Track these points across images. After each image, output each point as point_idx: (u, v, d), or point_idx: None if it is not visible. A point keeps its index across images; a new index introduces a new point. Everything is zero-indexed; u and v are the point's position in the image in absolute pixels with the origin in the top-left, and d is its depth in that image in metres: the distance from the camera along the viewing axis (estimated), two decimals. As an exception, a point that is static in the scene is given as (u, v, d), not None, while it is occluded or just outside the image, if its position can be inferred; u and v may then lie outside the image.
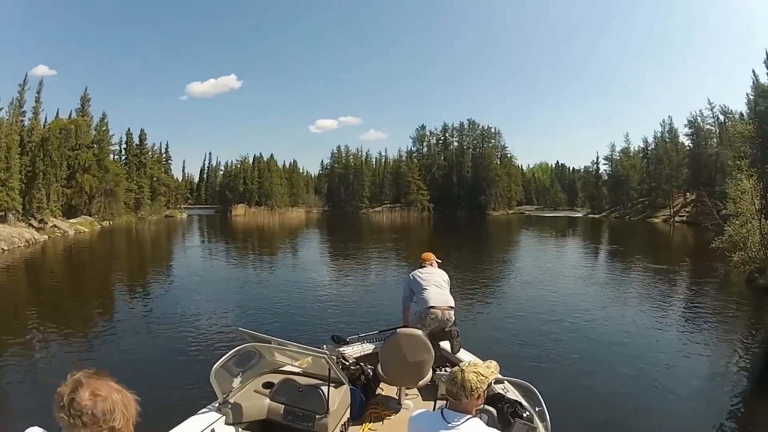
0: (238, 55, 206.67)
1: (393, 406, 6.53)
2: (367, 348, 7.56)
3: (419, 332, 6.36)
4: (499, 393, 5.27)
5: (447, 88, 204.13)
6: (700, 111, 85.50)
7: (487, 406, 4.46)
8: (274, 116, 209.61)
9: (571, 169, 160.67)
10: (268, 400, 5.51)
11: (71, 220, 61.26)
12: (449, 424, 3.32)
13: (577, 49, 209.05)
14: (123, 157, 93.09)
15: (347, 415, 5.76)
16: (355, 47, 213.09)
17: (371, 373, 6.77)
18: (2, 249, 37.17)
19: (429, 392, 6.66)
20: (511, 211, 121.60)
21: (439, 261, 7.76)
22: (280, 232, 66.38)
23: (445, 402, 4.76)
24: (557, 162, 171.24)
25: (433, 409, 5.39)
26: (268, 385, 5.74)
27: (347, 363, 6.74)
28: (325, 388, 5.38)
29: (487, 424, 3.51)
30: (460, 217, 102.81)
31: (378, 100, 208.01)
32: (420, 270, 7.54)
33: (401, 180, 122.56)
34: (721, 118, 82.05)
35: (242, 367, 5.79)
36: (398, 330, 6.62)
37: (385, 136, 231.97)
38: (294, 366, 6.26)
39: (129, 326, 16.23)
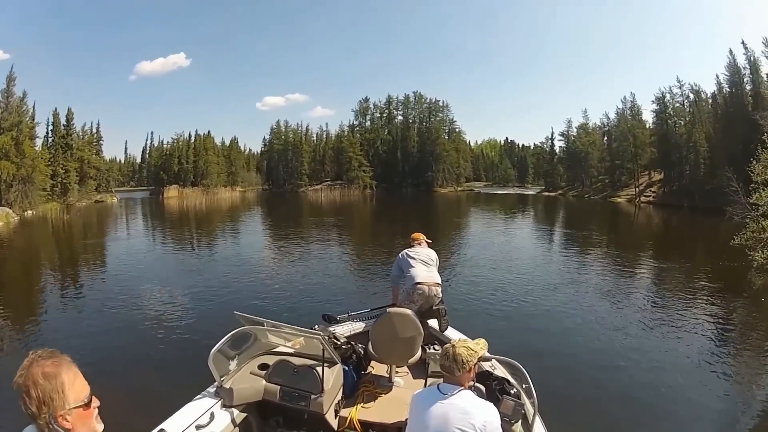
0: (187, 34, 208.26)
1: (384, 383, 6.61)
2: (358, 327, 7.69)
3: (409, 311, 6.50)
4: (487, 371, 5.66)
5: (394, 64, 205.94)
6: (669, 88, 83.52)
7: (476, 384, 4.62)
8: (223, 94, 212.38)
9: (520, 145, 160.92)
10: (264, 382, 5.65)
11: None
12: (444, 395, 3.75)
13: (530, 22, 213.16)
14: (50, 140, 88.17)
15: (340, 393, 5.95)
16: (304, 22, 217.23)
17: (362, 352, 6.86)
18: None
19: (419, 370, 6.87)
20: (459, 188, 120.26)
21: (429, 241, 8.01)
22: (195, 216, 63.42)
23: (435, 379, 5.15)
24: (506, 138, 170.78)
25: (424, 386, 5.89)
26: (263, 366, 5.92)
27: (339, 342, 6.72)
28: (319, 368, 5.53)
29: None
30: (405, 195, 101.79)
31: (325, 77, 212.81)
32: (409, 249, 7.78)
33: (342, 156, 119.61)
34: (692, 96, 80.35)
35: (238, 350, 6.00)
36: (388, 309, 6.70)
37: (331, 113, 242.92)
38: (288, 347, 6.48)
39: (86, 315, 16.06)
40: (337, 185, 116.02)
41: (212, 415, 5.12)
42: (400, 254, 7.85)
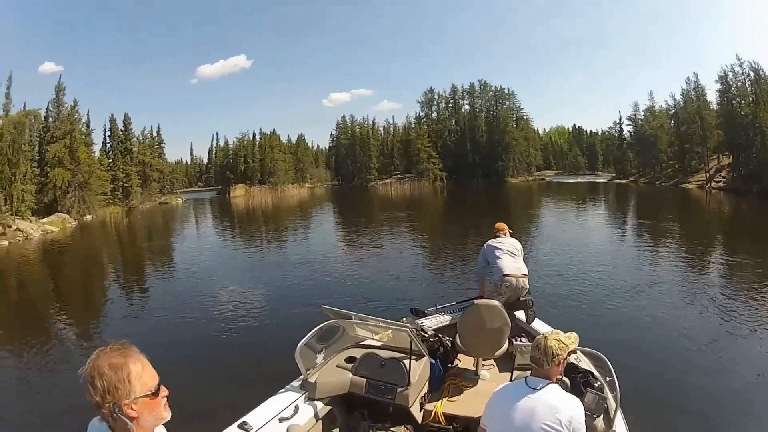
0: (247, 35, 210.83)
1: (470, 376, 6.73)
2: (445, 319, 7.90)
3: (496, 303, 6.61)
4: (572, 363, 5.38)
5: (457, 53, 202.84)
6: (731, 66, 77.34)
7: (562, 377, 4.50)
8: (287, 93, 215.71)
9: (588, 132, 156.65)
10: (350, 375, 5.83)
11: (43, 220, 56.36)
12: (532, 389, 3.71)
13: (590, 4, 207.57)
14: (108, 145, 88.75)
15: (426, 386, 6.01)
16: (364, 17, 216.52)
17: (449, 345, 6.90)
18: None
19: (505, 363, 6.89)
20: (530, 178, 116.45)
21: (511, 231, 8.36)
22: (262, 214, 63.52)
23: (521, 372, 5.24)
24: (574, 125, 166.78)
25: (510, 379, 5.60)
26: (350, 359, 6.09)
27: (426, 335, 6.90)
28: (406, 361, 5.68)
29: None
30: (476, 186, 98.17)
31: (389, 70, 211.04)
32: (493, 240, 8.12)
33: (410, 149, 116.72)
34: (752, 75, 74.62)
35: (325, 343, 6.21)
36: (476, 301, 6.89)
37: (398, 106, 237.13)
38: (375, 340, 6.74)
39: (172, 311, 16.55)
40: (406, 178, 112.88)
41: (296, 408, 5.33)
42: (485, 245, 8.15)
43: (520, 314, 7.65)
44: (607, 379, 5.17)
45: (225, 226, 52.76)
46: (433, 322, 7.71)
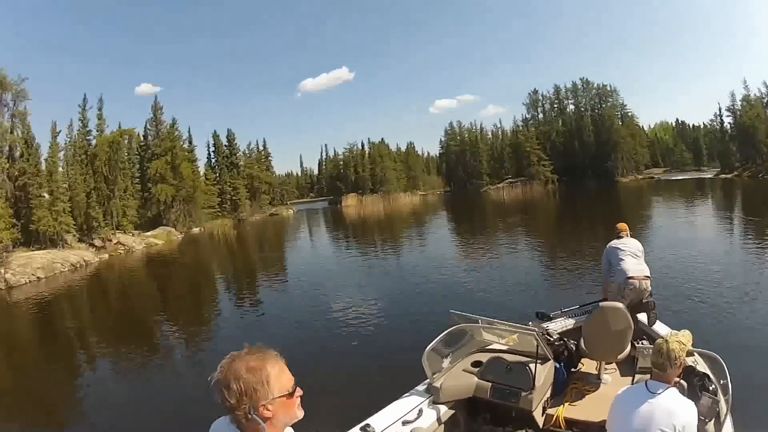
0: (347, 48, 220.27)
1: (593, 381, 6.74)
2: (569, 323, 7.99)
3: (621, 305, 6.62)
4: (690, 365, 5.23)
5: (559, 52, 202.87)
6: None
7: (680, 380, 4.43)
8: (391, 103, 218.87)
9: (691, 126, 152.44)
10: (475, 379, 5.92)
11: (147, 234, 60.70)
12: (652, 394, 3.78)
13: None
14: (213, 160, 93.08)
15: (550, 390, 6.07)
16: (464, 23, 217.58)
17: (574, 349, 6.98)
18: (37, 277, 36.36)
19: (627, 366, 6.95)
20: (640, 177, 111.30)
21: (630, 232, 8.44)
22: (376, 223, 63.34)
23: (642, 376, 5.72)
24: (677, 119, 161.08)
25: (632, 383, 5.82)
26: (476, 363, 6.20)
27: (551, 339, 7.00)
28: (532, 365, 5.74)
29: None
30: (587, 188, 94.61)
31: (493, 74, 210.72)
32: (616, 241, 8.21)
33: (520, 152, 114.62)
34: None
35: (451, 348, 6.38)
36: (601, 303, 6.95)
37: (504, 110, 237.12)
38: (501, 344, 6.83)
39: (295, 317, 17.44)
40: (518, 182, 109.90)
41: (420, 412, 5.49)
42: (607, 246, 8.22)
43: (642, 316, 7.70)
44: (721, 382, 5.10)
45: (338, 235, 53.60)
46: (557, 325, 7.85)
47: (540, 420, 5.74)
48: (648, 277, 7.73)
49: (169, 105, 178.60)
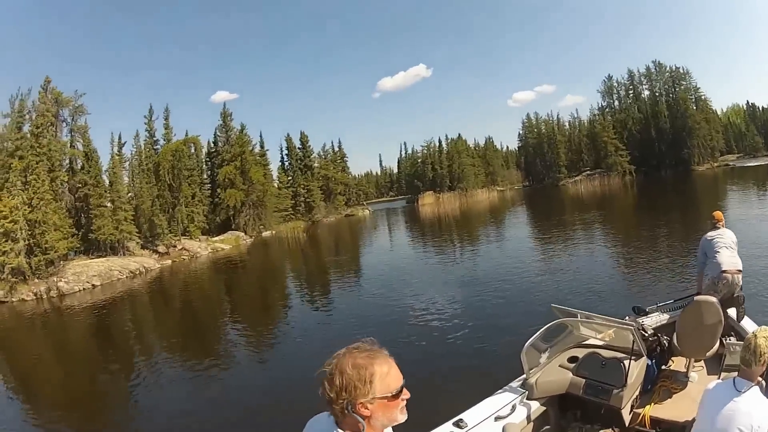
0: (425, 44, 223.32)
1: (680, 379, 6.66)
2: (663, 318, 7.78)
3: (714, 300, 6.56)
4: None
5: (631, 36, 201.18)
6: None
7: (761, 379, 4.17)
8: (470, 97, 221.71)
9: (761, 108, 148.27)
10: (570, 375, 6.05)
11: (214, 239, 61.72)
12: (739, 391, 3.81)
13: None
14: (286, 163, 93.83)
15: (640, 388, 6.11)
16: (537, 13, 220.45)
17: (666, 345, 6.87)
18: (92, 285, 37.40)
19: (713, 364, 6.83)
20: (715, 164, 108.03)
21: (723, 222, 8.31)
22: (449, 221, 62.29)
23: (728, 374, 5.70)
24: (747, 102, 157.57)
25: (717, 379, 5.38)
26: (572, 359, 6.29)
27: (646, 334, 6.82)
28: (626, 362, 5.84)
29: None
30: (664, 178, 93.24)
31: (569, 63, 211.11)
32: (712, 232, 8.24)
33: (598, 142, 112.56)
34: None
35: (549, 343, 6.51)
36: (696, 298, 6.89)
37: (582, 99, 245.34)
38: (597, 339, 6.85)
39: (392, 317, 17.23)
40: (596, 174, 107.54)
41: (513, 407, 5.58)
42: (704, 237, 8.35)
43: (731, 311, 7.50)
44: None
45: (411, 234, 53.25)
46: (652, 320, 7.61)
47: (627, 418, 5.74)
48: (740, 270, 7.78)
49: (247, 111, 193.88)
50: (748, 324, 7.32)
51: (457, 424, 5.23)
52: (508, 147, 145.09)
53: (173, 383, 13.66)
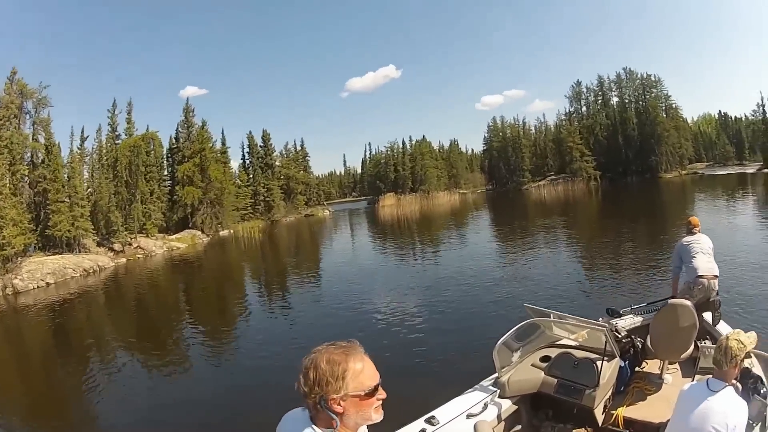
0: (395, 45, 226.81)
1: (654, 380, 6.79)
2: (637, 320, 7.93)
3: (688, 303, 6.69)
4: (746, 367, 5.26)
5: (604, 43, 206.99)
6: None
7: (736, 382, 4.40)
8: (438, 99, 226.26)
9: (733, 118, 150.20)
10: (542, 374, 6.11)
11: (170, 237, 61.65)
12: (712, 391, 3.97)
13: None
14: (246, 161, 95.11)
15: (613, 388, 6.19)
16: (510, 17, 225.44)
17: (640, 346, 6.99)
18: (46, 283, 36.95)
19: (688, 367, 6.99)
20: (683, 172, 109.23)
21: (700, 226, 8.43)
22: (407, 224, 62.19)
23: (702, 376, 5.71)
24: (719, 111, 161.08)
25: (691, 382, 5.31)
26: (545, 359, 6.35)
27: (619, 336, 6.92)
28: (599, 362, 5.88)
29: None
30: (630, 185, 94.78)
31: (539, 68, 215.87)
32: (688, 237, 8.32)
33: (563, 147, 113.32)
34: None
35: (521, 342, 6.54)
36: (670, 301, 7.00)
37: (551, 105, 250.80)
38: (570, 339, 6.90)
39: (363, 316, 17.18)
40: (560, 179, 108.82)
41: (485, 406, 5.70)
42: (680, 242, 8.43)
43: (707, 315, 7.70)
44: None
45: (371, 236, 53.78)
46: (626, 322, 7.73)
47: (600, 418, 5.89)
48: (716, 276, 7.96)
49: (216, 107, 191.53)
50: (723, 328, 7.38)
51: (429, 421, 5.28)
52: (473, 150, 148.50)
53: (129, 384, 13.41)
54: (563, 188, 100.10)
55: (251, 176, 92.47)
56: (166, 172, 76.39)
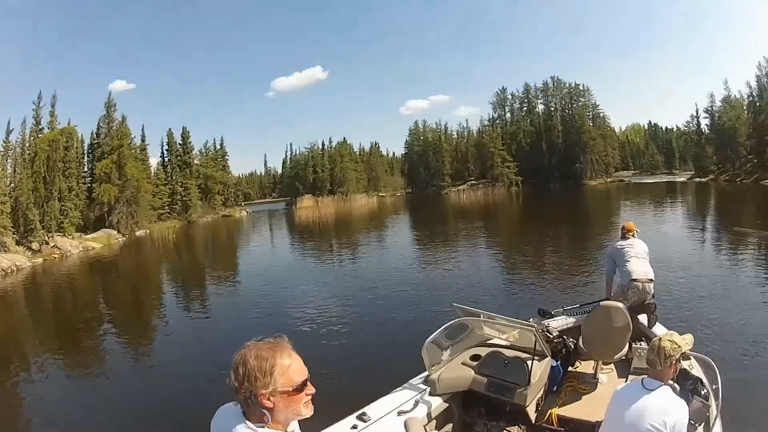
0: (322, 47, 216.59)
1: (588, 380, 6.92)
2: (570, 321, 8.03)
3: (620, 305, 6.80)
4: (684, 369, 5.49)
5: (531, 52, 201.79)
6: None
7: (673, 382, 4.39)
8: (364, 102, 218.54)
9: (664, 128, 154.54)
10: (472, 372, 6.15)
11: (87, 236, 59.63)
12: (647, 390, 3.94)
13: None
14: (165, 159, 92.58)
15: (545, 387, 6.33)
16: (438, 23, 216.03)
17: (572, 347, 7.10)
18: None
19: (623, 367, 7.13)
20: (609, 180, 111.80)
21: (638, 230, 8.63)
22: (320, 228, 61.28)
23: (636, 376, 5.64)
24: (650, 122, 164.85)
25: (625, 382, 5.80)
26: (475, 357, 6.43)
27: (551, 336, 7.05)
28: (529, 362, 5.99)
29: None
30: (553, 191, 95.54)
31: (465, 74, 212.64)
32: (622, 241, 8.41)
33: (484, 153, 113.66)
34: None
35: (452, 341, 6.59)
36: (601, 303, 7.17)
37: (476, 111, 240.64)
38: (501, 339, 7.00)
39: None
40: (480, 184, 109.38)
41: (416, 402, 5.60)
42: (614, 246, 8.46)
43: (643, 318, 7.84)
44: (713, 387, 5.28)
45: (290, 238, 52.99)
46: (558, 323, 7.87)
47: (533, 416, 5.88)
48: (651, 279, 7.86)
49: (144, 103, 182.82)
50: (659, 330, 7.41)
51: (361, 418, 5.27)
52: (394, 153, 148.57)
53: (49, 389, 12.56)
54: (483, 193, 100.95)
55: (170, 175, 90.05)
56: (86, 169, 74.44)
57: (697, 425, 4.84)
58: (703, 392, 5.20)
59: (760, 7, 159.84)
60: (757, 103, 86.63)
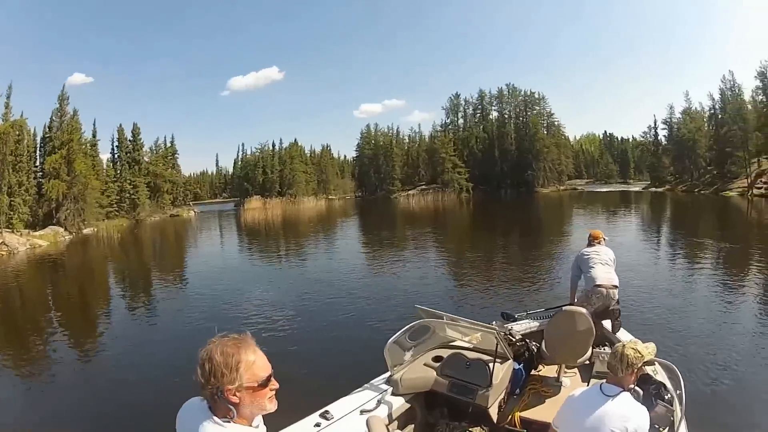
0: (278, 47, 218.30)
1: (551, 383, 6.95)
2: (533, 325, 8.26)
3: (583, 310, 6.79)
4: (647, 374, 5.37)
5: (487, 59, 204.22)
6: None
7: (636, 387, 4.41)
8: (318, 104, 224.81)
9: (620, 138, 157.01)
10: (434, 373, 6.21)
11: (34, 233, 57.59)
12: (606, 396, 3.88)
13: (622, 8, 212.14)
14: (115, 156, 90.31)
15: (507, 389, 6.36)
16: (395, 26, 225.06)
17: (535, 350, 7.15)
18: None
19: (586, 371, 7.21)
20: (562, 187, 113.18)
21: (606, 238, 8.61)
22: (265, 230, 61.16)
23: (597, 380, 5.04)
24: (605, 132, 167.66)
25: (587, 386, 6.29)
26: (437, 359, 6.50)
27: (513, 339, 7.11)
28: (491, 364, 6.00)
29: None
30: (504, 197, 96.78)
31: (420, 80, 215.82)
32: (588, 248, 8.40)
33: (436, 158, 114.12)
34: None
35: (414, 342, 6.63)
36: (564, 308, 7.13)
37: (429, 116, 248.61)
38: (464, 341, 7.10)
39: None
40: (430, 189, 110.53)
41: (378, 402, 5.70)
42: (580, 253, 8.46)
43: (607, 324, 7.99)
44: (677, 391, 5.25)
45: (240, 239, 52.40)
46: (521, 327, 8.05)
47: (495, 417, 5.92)
48: (616, 286, 7.88)
49: (101, 97, 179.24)
50: (623, 336, 7.63)
51: (324, 416, 5.34)
52: (345, 156, 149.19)
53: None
54: (433, 198, 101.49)
55: (119, 172, 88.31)
56: (38, 163, 72.11)
57: (661, 429, 4.88)
58: (666, 397, 5.17)
59: (719, 24, 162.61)
60: (719, 116, 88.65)
